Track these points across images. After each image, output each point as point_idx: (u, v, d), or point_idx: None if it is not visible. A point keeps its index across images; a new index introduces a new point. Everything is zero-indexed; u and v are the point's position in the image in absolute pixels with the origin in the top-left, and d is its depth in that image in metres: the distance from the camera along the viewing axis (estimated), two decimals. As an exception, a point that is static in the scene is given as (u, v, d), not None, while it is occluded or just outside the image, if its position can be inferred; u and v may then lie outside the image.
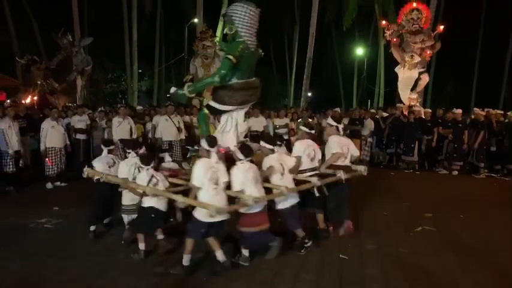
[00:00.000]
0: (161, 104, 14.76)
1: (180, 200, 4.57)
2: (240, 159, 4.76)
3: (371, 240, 5.71)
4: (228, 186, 4.73)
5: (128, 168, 5.30)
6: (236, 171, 4.71)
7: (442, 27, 15.24)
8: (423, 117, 12.71)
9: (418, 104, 14.80)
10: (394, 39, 15.08)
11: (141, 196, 4.95)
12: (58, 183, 9.00)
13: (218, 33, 19.70)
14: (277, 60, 34.39)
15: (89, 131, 11.06)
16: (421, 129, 12.02)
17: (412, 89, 14.92)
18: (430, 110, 13.00)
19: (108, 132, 10.80)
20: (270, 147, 5.26)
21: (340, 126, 5.88)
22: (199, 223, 4.46)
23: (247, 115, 11.86)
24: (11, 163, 8.40)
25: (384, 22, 16.35)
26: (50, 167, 8.78)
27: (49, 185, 8.81)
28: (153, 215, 4.90)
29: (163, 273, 4.53)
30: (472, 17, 27.14)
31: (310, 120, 11.96)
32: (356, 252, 5.29)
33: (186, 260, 4.54)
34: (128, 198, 5.36)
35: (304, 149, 5.57)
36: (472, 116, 12.36)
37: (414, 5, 14.96)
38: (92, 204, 5.80)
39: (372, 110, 14.90)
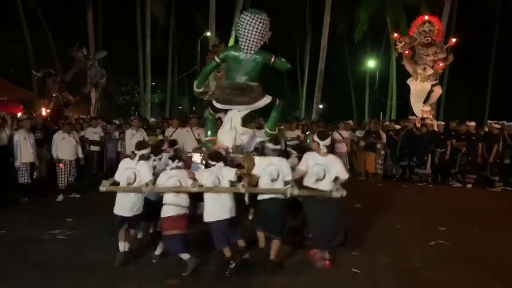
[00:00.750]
0: (173, 116, 14.88)
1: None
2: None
3: (384, 254, 5.65)
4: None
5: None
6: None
7: (454, 39, 15.18)
8: (436, 129, 12.60)
9: (431, 117, 14.68)
10: (406, 52, 15.03)
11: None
12: (70, 195, 9.03)
13: (231, 42, 19.91)
14: (289, 72, 34.41)
15: (102, 143, 11.18)
16: (434, 141, 11.91)
17: (425, 102, 14.82)
18: (443, 123, 12.90)
19: (121, 144, 10.89)
20: (212, 163, 5.14)
21: (323, 144, 5.21)
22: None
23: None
24: (26, 174, 8.51)
25: (395, 34, 16.31)
26: (61, 177, 8.82)
27: (60, 198, 8.79)
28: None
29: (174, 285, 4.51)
30: (485, 29, 26.98)
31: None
32: (369, 266, 5.23)
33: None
34: None
35: (266, 166, 5.22)
36: (486, 129, 12.22)
37: (426, 17, 14.92)
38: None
39: (386, 123, 14.84)
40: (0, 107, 17.54)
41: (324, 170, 5.09)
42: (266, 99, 6.44)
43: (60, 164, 8.80)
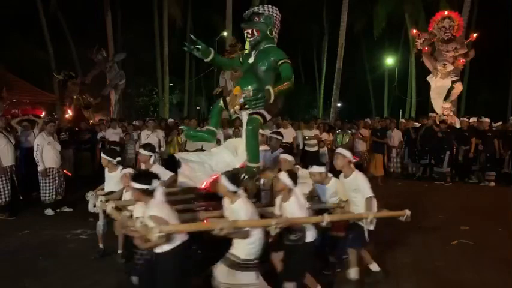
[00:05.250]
0: (191, 117, 14.96)
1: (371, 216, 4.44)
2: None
3: (406, 253, 5.59)
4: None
5: None
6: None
7: (475, 34, 14.89)
8: (458, 126, 12.38)
9: (451, 114, 14.45)
10: (426, 48, 14.83)
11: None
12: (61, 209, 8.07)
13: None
14: (306, 70, 34.37)
15: (122, 143, 11.34)
16: (457, 139, 11.69)
17: (446, 98, 14.59)
18: (466, 119, 12.62)
19: (138, 145, 11.02)
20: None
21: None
22: (360, 230, 4.47)
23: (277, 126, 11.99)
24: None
25: (414, 31, 16.12)
26: (47, 189, 7.77)
27: (49, 212, 7.80)
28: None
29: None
30: (507, 23, 26.36)
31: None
32: (391, 265, 5.17)
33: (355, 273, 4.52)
34: None
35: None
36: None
37: (446, 13, 14.71)
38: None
39: (402, 120, 14.65)
40: (23, 109, 18.00)
41: None
42: None
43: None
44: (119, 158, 5.52)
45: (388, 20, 23.52)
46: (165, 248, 3.38)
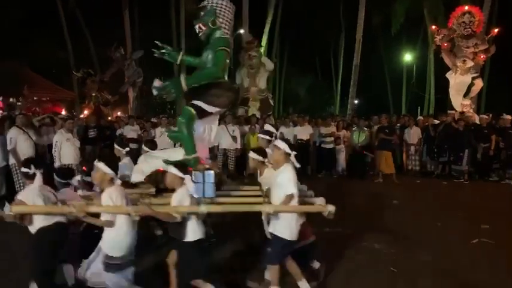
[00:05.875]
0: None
1: (271, 210, 3.83)
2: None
3: (424, 252, 5.52)
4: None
5: None
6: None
7: (496, 30, 14.58)
8: (478, 123, 12.16)
9: (471, 111, 14.20)
10: (445, 44, 14.59)
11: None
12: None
13: (263, 42, 19.93)
14: (323, 67, 34.16)
15: (140, 140, 11.44)
16: (477, 136, 11.48)
17: (465, 95, 14.33)
18: (486, 116, 12.37)
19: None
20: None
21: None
22: (282, 243, 3.93)
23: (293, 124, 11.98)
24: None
25: (433, 27, 15.87)
26: None
27: None
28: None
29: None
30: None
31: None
32: (408, 264, 5.12)
33: None
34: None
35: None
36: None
37: (466, 8, 14.43)
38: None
39: (420, 117, 14.45)
40: (43, 107, 18.36)
41: None
42: None
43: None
44: None
45: (406, 16, 23.16)
46: (32, 229, 3.82)
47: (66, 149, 7.83)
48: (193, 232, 3.85)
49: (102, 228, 3.81)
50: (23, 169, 4.02)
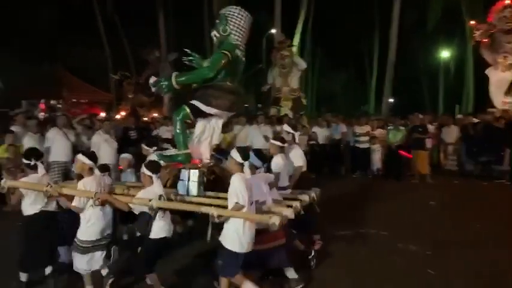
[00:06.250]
0: (239, 114, 15.13)
1: (215, 213, 3.73)
2: (257, 167, 4.38)
3: (461, 255, 5.37)
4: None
5: None
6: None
7: (541, 23, 13.95)
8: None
9: (514, 109, 13.66)
10: (485, 40, 14.11)
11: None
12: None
13: (296, 42, 19.89)
14: (356, 65, 33.70)
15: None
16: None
17: (507, 93, 13.80)
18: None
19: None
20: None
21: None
22: (233, 256, 3.81)
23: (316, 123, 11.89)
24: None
25: (472, 22, 15.38)
26: None
27: None
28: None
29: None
30: None
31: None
32: (446, 266, 5.01)
33: None
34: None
35: (284, 164, 5.05)
36: None
37: (507, 1, 13.89)
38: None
39: (459, 116, 14.04)
40: (82, 109, 19.01)
41: None
42: None
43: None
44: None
45: (443, 11, 22.53)
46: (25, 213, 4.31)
47: (104, 150, 7.90)
48: (158, 230, 4.08)
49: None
50: (25, 160, 4.41)
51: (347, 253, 5.45)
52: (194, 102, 4.96)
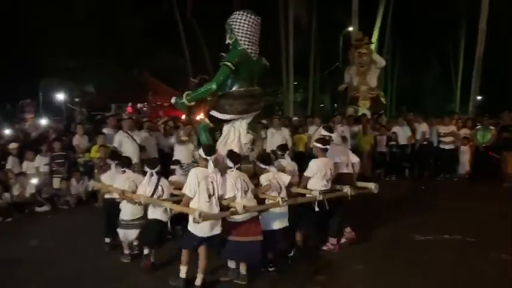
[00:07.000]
0: (315, 114, 15.02)
1: (168, 206, 4.59)
2: (230, 167, 4.63)
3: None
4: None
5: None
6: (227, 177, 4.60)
7: None
8: None
9: None
10: None
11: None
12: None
13: (374, 39, 19.29)
14: (440, 61, 31.84)
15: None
16: None
17: None
18: None
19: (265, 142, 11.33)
20: (264, 166, 4.98)
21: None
22: (192, 236, 4.41)
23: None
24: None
25: None
26: None
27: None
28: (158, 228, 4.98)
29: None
30: None
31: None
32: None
33: (182, 272, 4.50)
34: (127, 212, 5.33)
35: (319, 169, 5.32)
36: None
37: None
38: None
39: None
40: (166, 112, 20.00)
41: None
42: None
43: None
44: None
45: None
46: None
47: (181, 151, 8.30)
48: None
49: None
50: (109, 161, 6.09)
51: (432, 260, 5.16)
52: (211, 112, 5.53)
